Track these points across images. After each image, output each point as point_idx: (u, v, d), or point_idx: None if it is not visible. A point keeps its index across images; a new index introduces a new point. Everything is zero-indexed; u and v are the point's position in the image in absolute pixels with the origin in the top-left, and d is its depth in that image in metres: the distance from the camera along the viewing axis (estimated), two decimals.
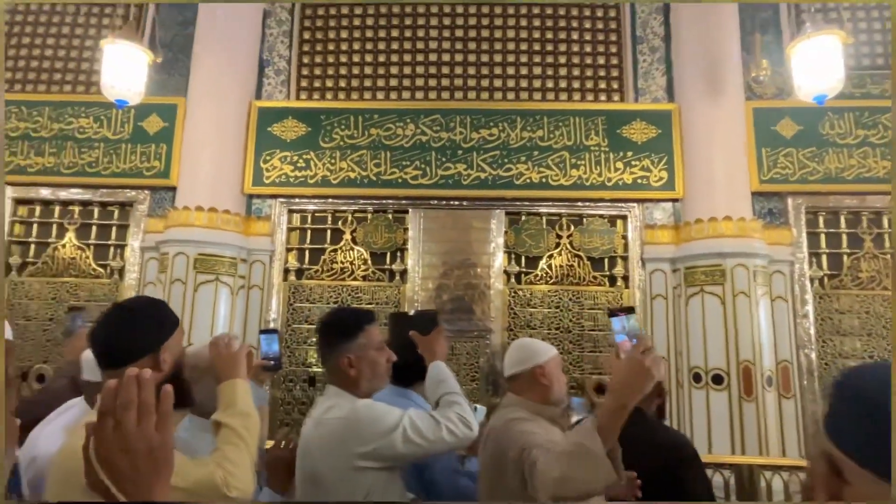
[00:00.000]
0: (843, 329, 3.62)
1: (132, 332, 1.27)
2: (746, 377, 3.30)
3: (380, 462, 1.40)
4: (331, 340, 1.54)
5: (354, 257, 3.85)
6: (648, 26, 4.01)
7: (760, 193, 3.70)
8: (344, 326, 1.56)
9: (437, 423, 1.44)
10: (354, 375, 1.50)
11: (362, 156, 3.84)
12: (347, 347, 1.51)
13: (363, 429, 1.39)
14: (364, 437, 1.38)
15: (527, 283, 3.80)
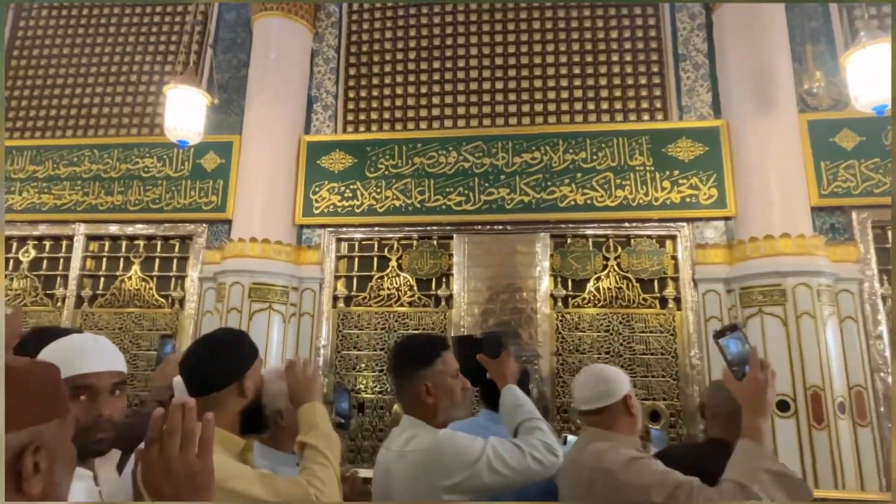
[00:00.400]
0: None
1: (218, 362, 1.36)
2: (816, 404, 3.10)
3: (466, 495, 1.36)
4: (408, 367, 1.51)
5: (401, 284, 3.91)
6: (691, 43, 3.95)
7: (821, 208, 3.53)
8: (421, 353, 1.53)
9: (522, 451, 1.39)
10: (432, 403, 1.47)
11: (407, 184, 3.93)
12: (425, 374, 1.48)
13: (448, 461, 1.35)
14: (449, 470, 1.35)
15: (574, 307, 3.74)
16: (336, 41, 4.36)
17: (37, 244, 4.33)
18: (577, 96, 4.01)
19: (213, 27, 4.45)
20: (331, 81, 4.29)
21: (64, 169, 4.32)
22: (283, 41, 4.12)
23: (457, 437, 1.41)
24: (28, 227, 4.29)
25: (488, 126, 4.04)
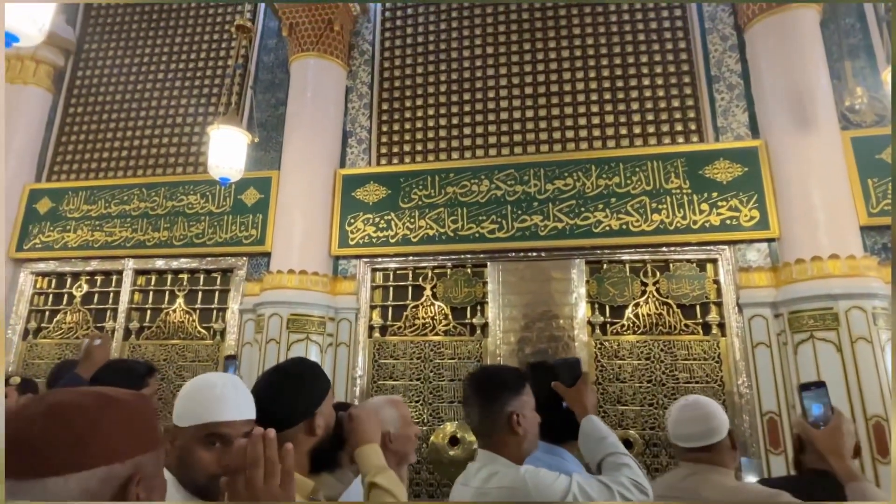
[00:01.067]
0: None
1: (289, 397, 1.31)
2: (879, 435, 2.91)
3: None
4: (496, 396, 1.46)
5: (435, 312, 3.91)
6: (724, 64, 3.92)
7: (871, 228, 3.39)
8: (509, 381, 1.49)
9: (610, 490, 1.33)
10: (521, 434, 1.43)
11: (440, 213, 3.97)
12: (514, 404, 1.44)
13: (533, 499, 1.30)
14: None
15: (613, 334, 3.66)
16: (369, 77, 4.51)
17: (89, 279, 4.54)
18: (608, 121, 4.01)
19: (253, 68, 4.67)
20: (364, 116, 4.41)
21: (115, 207, 4.54)
22: (319, 79, 4.28)
23: (540, 473, 1.35)
24: (81, 264, 4.51)
25: (520, 154, 4.06)
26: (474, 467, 1.47)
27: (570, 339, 3.66)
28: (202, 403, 1.12)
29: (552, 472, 1.36)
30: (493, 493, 1.35)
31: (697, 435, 1.54)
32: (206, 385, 1.19)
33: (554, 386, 1.63)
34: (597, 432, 1.52)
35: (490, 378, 1.52)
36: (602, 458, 1.47)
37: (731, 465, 1.53)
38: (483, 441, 1.48)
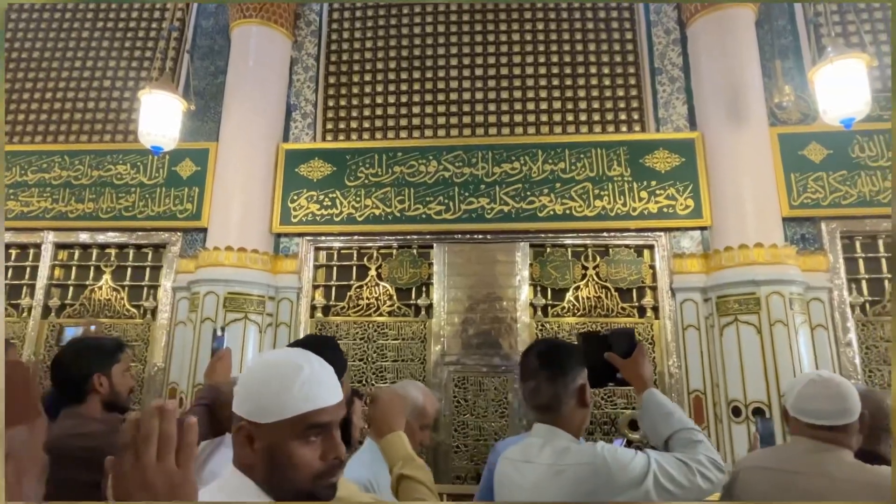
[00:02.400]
0: (889, 357, 3.45)
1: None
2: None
3: None
4: (568, 368, 1.41)
5: (380, 293, 3.87)
6: (666, 57, 4.05)
7: (792, 219, 3.62)
8: (576, 353, 1.45)
9: (689, 468, 1.27)
10: (588, 407, 1.42)
11: (386, 193, 3.91)
12: (582, 375, 1.41)
13: (614, 477, 1.25)
14: (616, 487, 1.25)
15: (554, 316, 3.75)
16: (315, 49, 4.34)
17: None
18: (556, 107, 4.06)
19: (191, 34, 4.40)
20: (310, 90, 4.26)
21: (32, 175, 4.19)
22: (262, 49, 4.08)
23: (618, 451, 1.30)
24: None
25: (468, 136, 4.06)
26: (535, 443, 1.41)
27: (513, 320, 3.72)
28: (291, 391, 0.90)
29: (628, 449, 1.33)
30: (571, 470, 1.30)
31: (831, 413, 1.46)
32: (290, 367, 0.94)
33: (608, 357, 1.52)
34: (662, 407, 1.43)
35: (561, 351, 1.46)
36: (671, 434, 1.39)
37: (854, 447, 1.48)
38: (546, 416, 1.42)
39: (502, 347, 3.70)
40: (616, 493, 1.24)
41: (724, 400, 3.35)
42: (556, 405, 1.40)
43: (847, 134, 3.56)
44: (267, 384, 0.92)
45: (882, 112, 3.72)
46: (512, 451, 1.51)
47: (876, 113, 3.69)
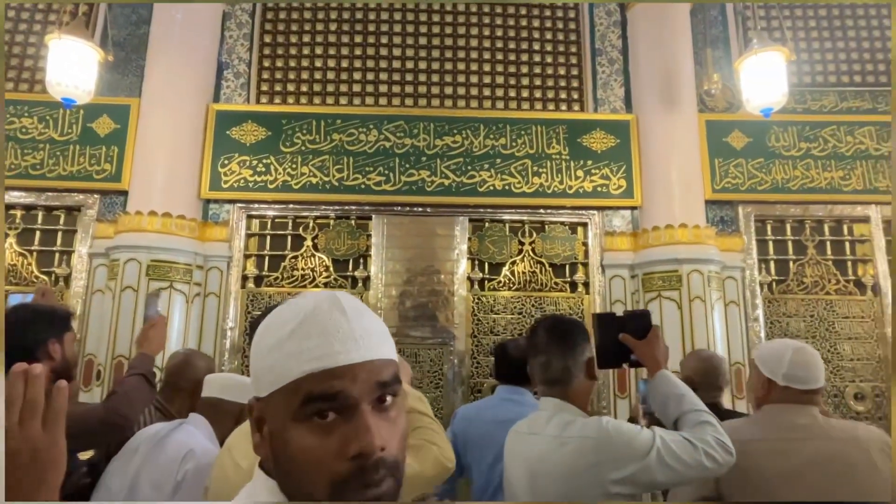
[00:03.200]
0: (790, 332, 3.78)
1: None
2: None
3: (633, 488, 1.28)
4: (577, 343, 1.44)
5: (316, 264, 3.79)
6: (607, 39, 4.13)
7: (713, 202, 3.85)
8: (584, 328, 1.48)
9: (695, 447, 1.28)
10: (596, 381, 1.46)
11: (324, 161, 3.79)
12: (590, 350, 1.45)
13: (618, 451, 1.28)
14: (620, 461, 1.27)
15: (490, 290, 3.82)
16: (251, 5, 4.09)
17: None
18: (498, 82, 4.06)
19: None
20: (244, 48, 4.02)
21: None
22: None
23: (623, 425, 1.33)
24: None
25: (410, 106, 3.99)
26: (543, 416, 1.44)
27: (450, 293, 3.76)
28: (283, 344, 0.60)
29: (633, 424, 1.35)
30: (574, 442, 1.32)
31: (819, 377, 1.51)
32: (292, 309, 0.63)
33: (622, 338, 1.52)
34: (675, 388, 1.44)
35: (571, 325, 1.49)
36: (680, 415, 1.40)
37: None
38: (555, 390, 1.44)
39: (439, 320, 3.73)
40: (619, 466, 1.26)
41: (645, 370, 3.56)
42: (567, 379, 1.43)
43: (766, 124, 3.80)
44: (262, 337, 0.63)
45: (797, 105, 4.00)
46: (520, 424, 1.55)
47: (791, 105, 3.96)
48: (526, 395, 2.13)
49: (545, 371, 1.45)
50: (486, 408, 2.20)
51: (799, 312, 3.81)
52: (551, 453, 1.35)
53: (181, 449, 1.56)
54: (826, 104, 4.06)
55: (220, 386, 1.73)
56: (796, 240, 3.91)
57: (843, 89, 4.11)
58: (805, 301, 3.82)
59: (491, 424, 2.02)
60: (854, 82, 4.15)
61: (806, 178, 3.87)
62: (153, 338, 1.97)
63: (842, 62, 4.18)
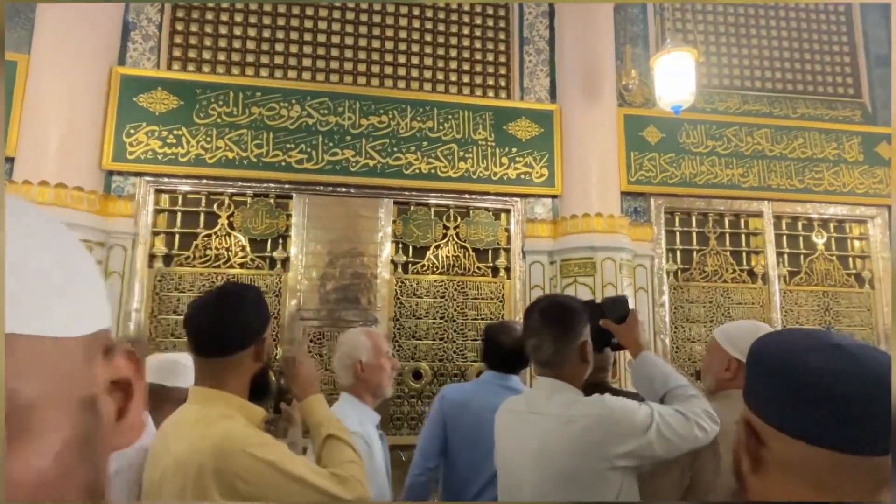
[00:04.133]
0: (691, 317, 4.08)
1: (242, 319, 1.24)
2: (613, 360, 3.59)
3: (636, 461, 1.32)
4: (572, 326, 1.44)
5: (231, 243, 3.61)
6: (535, 28, 4.19)
7: (628, 193, 4.04)
8: (582, 311, 1.48)
9: (687, 419, 1.34)
10: (590, 363, 1.46)
11: (242, 135, 3.61)
12: (585, 333, 1.45)
13: (623, 426, 1.31)
14: (623, 436, 1.31)
15: (414, 273, 3.81)
16: None
17: None
18: (427, 64, 4.02)
19: None
20: (154, 8, 3.72)
21: None
22: None
23: (625, 402, 1.36)
24: None
25: (336, 83, 3.87)
26: (541, 395, 1.45)
27: (373, 276, 3.72)
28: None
29: (632, 400, 1.38)
30: (581, 420, 1.34)
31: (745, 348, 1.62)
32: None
33: (603, 324, 1.60)
34: (661, 366, 1.51)
35: (567, 308, 1.48)
36: (667, 392, 1.46)
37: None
38: (551, 371, 1.46)
39: (360, 303, 3.69)
40: (622, 441, 1.31)
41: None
42: (561, 361, 1.45)
43: (678, 121, 4.03)
44: None
45: (706, 105, 4.26)
46: (513, 401, 1.57)
47: (700, 105, 4.22)
48: (515, 381, 2.10)
49: (537, 352, 1.49)
50: (477, 393, 2.12)
51: (700, 299, 4.11)
52: (556, 432, 1.37)
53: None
54: (731, 106, 4.37)
55: (162, 371, 1.60)
56: (700, 231, 4.20)
57: (746, 93, 4.44)
58: (705, 288, 4.13)
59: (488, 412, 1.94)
60: (755, 87, 4.49)
61: (711, 174, 4.15)
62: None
63: (745, 67, 4.50)
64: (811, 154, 4.33)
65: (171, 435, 1.19)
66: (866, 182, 4.37)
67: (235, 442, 1.09)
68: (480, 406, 2.01)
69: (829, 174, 4.33)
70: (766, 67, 4.53)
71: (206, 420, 1.14)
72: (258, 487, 1.06)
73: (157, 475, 1.15)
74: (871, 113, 4.59)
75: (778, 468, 0.66)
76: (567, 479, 1.33)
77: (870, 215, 4.41)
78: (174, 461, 1.10)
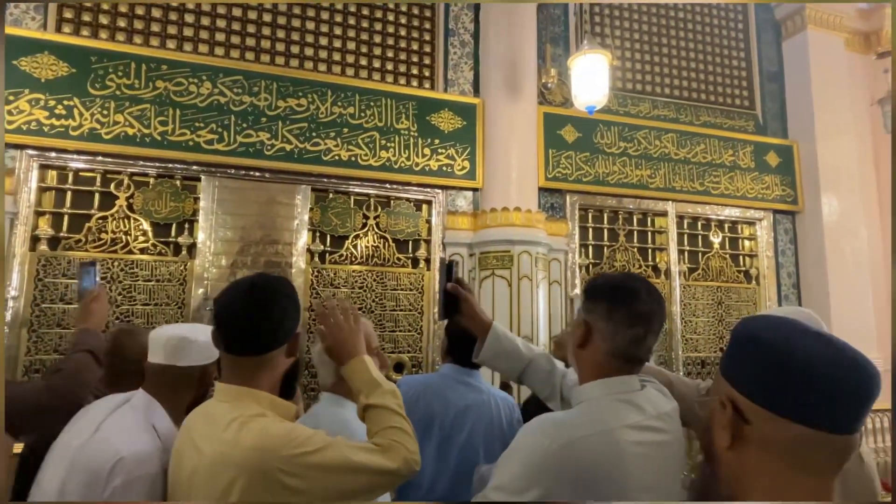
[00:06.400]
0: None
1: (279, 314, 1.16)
2: None
3: None
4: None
5: (131, 227, 3.34)
6: (460, 21, 4.20)
7: (545, 189, 4.16)
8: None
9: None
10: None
11: (144, 110, 3.33)
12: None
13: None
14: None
15: (331, 263, 3.72)
16: None
17: None
18: (350, 48, 3.92)
19: None
20: None
21: None
22: None
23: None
24: None
25: (251, 61, 3.67)
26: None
27: (288, 265, 3.59)
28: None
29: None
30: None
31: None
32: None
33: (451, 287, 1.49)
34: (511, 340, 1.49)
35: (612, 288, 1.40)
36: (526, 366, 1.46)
37: None
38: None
39: None
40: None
41: None
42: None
43: (593, 121, 4.20)
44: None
45: (619, 108, 4.48)
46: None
47: (614, 108, 4.42)
48: (478, 377, 2.01)
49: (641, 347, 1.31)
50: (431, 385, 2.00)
51: None
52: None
53: (108, 456, 1.23)
54: (642, 110, 4.61)
55: (166, 348, 1.40)
56: (611, 228, 4.42)
57: (656, 99, 4.70)
58: None
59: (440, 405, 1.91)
60: (664, 94, 4.77)
61: (622, 174, 4.37)
62: (96, 311, 1.79)
63: (656, 75, 4.77)
64: (711, 159, 4.67)
65: (199, 434, 1.13)
66: (756, 187, 4.79)
67: (274, 441, 1.05)
68: (432, 398, 1.93)
69: (725, 179, 4.70)
70: (674, 76, 4.82)
71: (239, 420, 1.09)
72: (304, 481, 1.03)
73: (184, 475, 1.10)
74: (763, 124, 5.03)
75: (759, 445, 0.70)
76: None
77: (758, 218, 4.83)
78: (207, 462, 1.06)
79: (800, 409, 0.67)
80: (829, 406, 0.66)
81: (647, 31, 4.80)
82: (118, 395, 1.43)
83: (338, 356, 1.29)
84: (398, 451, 1.13)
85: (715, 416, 0.75)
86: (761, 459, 0.71)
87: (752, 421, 0.70)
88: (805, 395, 0.67)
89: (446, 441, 1.88)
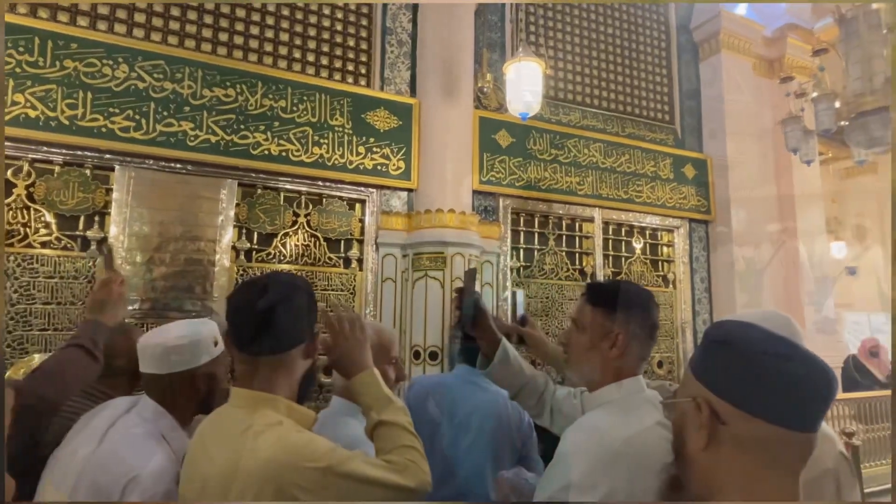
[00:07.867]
0: (530, 311, 4.39)
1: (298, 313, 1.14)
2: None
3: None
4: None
5: (31, 218, 3.05)
6: (398, 20, 4.17)
7: (479, 192, 4.22)
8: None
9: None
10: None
11: (50, 91, 3.06)
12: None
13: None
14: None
15: (258, 261, 3.57)
16: None
17: None
18: (283, 39, 3.79)
19: None
20: None
21: None
22: None
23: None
24: None
25: (175, 46, 3.46)
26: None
27: (211, 263, 3.41)
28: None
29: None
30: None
31: None
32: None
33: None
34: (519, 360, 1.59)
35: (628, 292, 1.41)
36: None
37: None
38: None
39: (195, 292, 3.36)
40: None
41: (408, 345, 3.75)
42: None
43: (527, 128, 4.31)
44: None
45: (551, 115, 4.62)
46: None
47: (548, 116, 4.56)
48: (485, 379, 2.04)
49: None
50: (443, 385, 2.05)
51: (538, 295, 4.45)
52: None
53: (120, 472, 1.17)
54: (573, 119, 4.78)
55: (153, 358, 1.32)
56: (541, 232, 4.54)
57: (586, 109, 4.90)
58: (543, 285, 4.48)
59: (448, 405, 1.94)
60: (593, 104, 4.97)
61: (553, 180, 4.51)
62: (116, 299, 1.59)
63: (587, 86, 4.97)
64: (634, 169, 4.92)
65: (212, 441, 1.09)
66: (675, 197, 5.09)
67: (289, 453, 1.01)
68: (442, 397, 1.96)
69: (647, 188, 4.97)
70: (602, 88, 5.04)
71: (254, 428, 1.04)
72: (319, 494, 1.00)
73: (197, 483, 1.07)
74: (681, 138, 5.36)
75: (733, 444, 0.75)
76: None
77: (676, 226, 5.15)
78: (221, 472, 1.02)
79: (774, 410, 0.72)
80: (800, 407, 0.72)
81: (578, 44, 4.99)
82: (119, 400, 1.37)
83: (344, 369, 1.24)
84: (415, 472, 1.12)
85: (689, 417, 0.78)
86: (735, 459, 0.74)
87: (728, 422, 0.74)
88: (779, 397, 0.72)
89: (454, 441, 1.88)
